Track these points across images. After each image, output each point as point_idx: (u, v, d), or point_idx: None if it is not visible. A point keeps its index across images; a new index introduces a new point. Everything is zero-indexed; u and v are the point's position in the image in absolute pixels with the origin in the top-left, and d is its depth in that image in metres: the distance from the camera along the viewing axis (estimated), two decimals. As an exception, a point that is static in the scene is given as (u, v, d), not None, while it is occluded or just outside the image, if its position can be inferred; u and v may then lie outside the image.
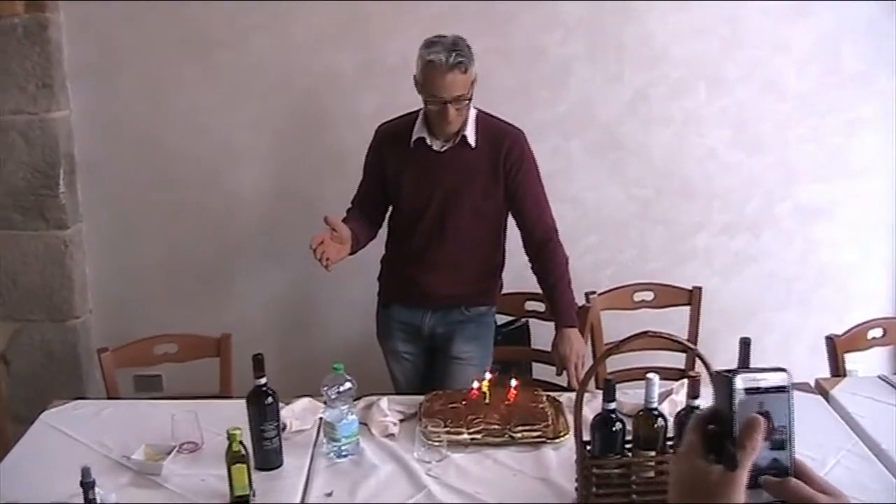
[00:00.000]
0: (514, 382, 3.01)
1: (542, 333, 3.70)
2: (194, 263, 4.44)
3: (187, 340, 3.53)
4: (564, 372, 3.26)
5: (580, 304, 3.57)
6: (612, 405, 2.43)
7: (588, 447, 2.46)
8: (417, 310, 3.49)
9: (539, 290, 3.44)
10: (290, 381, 3.06)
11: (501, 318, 3.88)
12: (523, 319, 3.99)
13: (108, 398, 3.40)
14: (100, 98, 4.25)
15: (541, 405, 2.96)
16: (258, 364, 2.71)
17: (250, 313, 4.42)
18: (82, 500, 2.23)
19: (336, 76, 4.18)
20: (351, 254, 3.22)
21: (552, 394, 3.14)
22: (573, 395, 2.49)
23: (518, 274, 3.55)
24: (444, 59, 3.05)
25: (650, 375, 2.44)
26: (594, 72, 4.19)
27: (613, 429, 2.43)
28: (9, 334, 4.40)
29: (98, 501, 2.20)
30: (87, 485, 2.22)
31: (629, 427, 2.49)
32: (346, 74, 4.17)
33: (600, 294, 3.80)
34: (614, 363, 3.62)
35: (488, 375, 3.04)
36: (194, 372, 3.51)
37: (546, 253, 3.35)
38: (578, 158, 4.28)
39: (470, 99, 3.16)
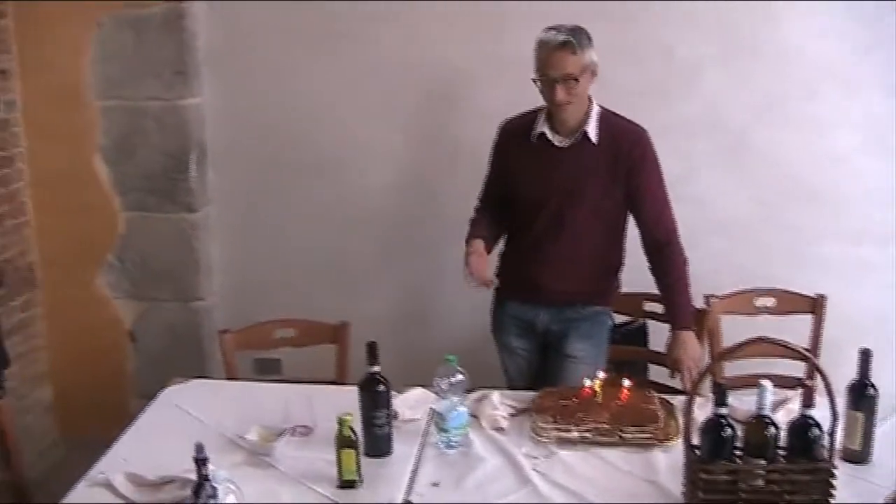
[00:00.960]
0: (626, 382, 2.99)
1: (660, 335, 3.66)
2: (317, 251, 4.52)
3: (306, 326, 3.60)
4: (679, 375, 3.22)
5: (699, 307, 3.53)
6: (723, 410, 2.39)
7: (697, 451, 2.42)
8: (532, 306, 3.48)
9: (658, 292, 3.41)
10: (406, 371, 3.08)
11: (619, 318, 3.85)
12: (641, 320, 3.94)
13: (228, 379, 3.49)
14: (231, 86, 4.37)
15: (652, 406, 2.92)
16: (372, 351, 2.75)
17: (369, 303, 4.47)
18: (195, 476, 2.29)
19: (463, 71, 4.20)
20: None
21: (666, 396, 3.09)
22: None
23: (638, 274, 3.51)
24: (554, 38, 3.12)
25: (763, 382, 2.38)
26: (725, 73, 4.11)
27: (723, 434, 2.39)
28: (137, 313, 4.57)
29: (210, 477, 2.25)
30: (200, 461, 2.28)
31: (740, 433, 2.44)
32: (473, 69, 4.19)
33: (720, 298, 3.73)
34: (730, 369, 3.58)
35: (601, 374, 3.02)
36: (313, 357, 3.58)
37: (664, 254, 3.32)
38: (703, 160, 4.22)
39: (577, 79, 3.15)
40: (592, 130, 3.25)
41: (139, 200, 4.44)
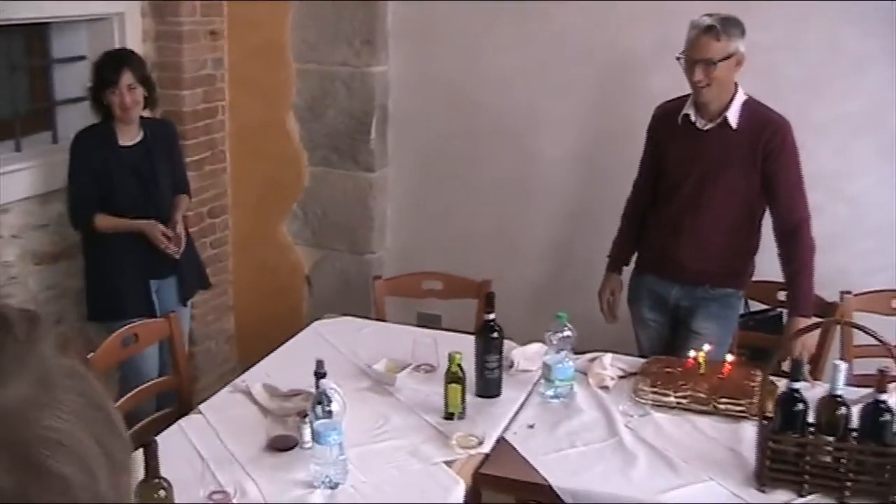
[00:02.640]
0: (729, 358, 3.13)
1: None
2: (484, 215, 4.77)
3: (451, 280, 3.90)
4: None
5: (831, 301, 3.60)
6: (797, 385, 2.53)
7: (768, 422, 2.57)
8: (666, 281, 3.65)
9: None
10: (538, 328, 3.29)
11: (756, 306, 3.96)
12: (779, 309, 4.03)
13: (376, 320, 3.84)
14: (416, 56, 4.71)
15: (752, 384, 3.06)
16: (489, 301, 3.04)
17: (527, 267, 4.68)
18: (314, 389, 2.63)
19: (635, 53, 4.36)
20: None
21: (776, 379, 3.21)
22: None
23: (775, 262, 3.61)
24: (702, 22, 3.32)
25: (836, 362, 2.51)
26: (891, 70, 4.10)
27: (794, 408, 2.53)
28: (314, 260, 5.01)
29: (325, 392, 2.58)
30: (319, 375, 2.63)
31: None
32: (644, 53, 4.35)
33: (855, 295, 3.77)
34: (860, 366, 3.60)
35: (706, 347, 3.17)
36: (467, 313, 3.84)
37: (793, 241, 3.44)
38: (863, 159, 4.22)
39: (715, 64, 3.30)
40: (733, 116, 3.39)
41: (324, 157, 4.86)
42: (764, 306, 4.02)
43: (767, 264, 3.64)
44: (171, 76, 4.48)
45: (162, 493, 2.16)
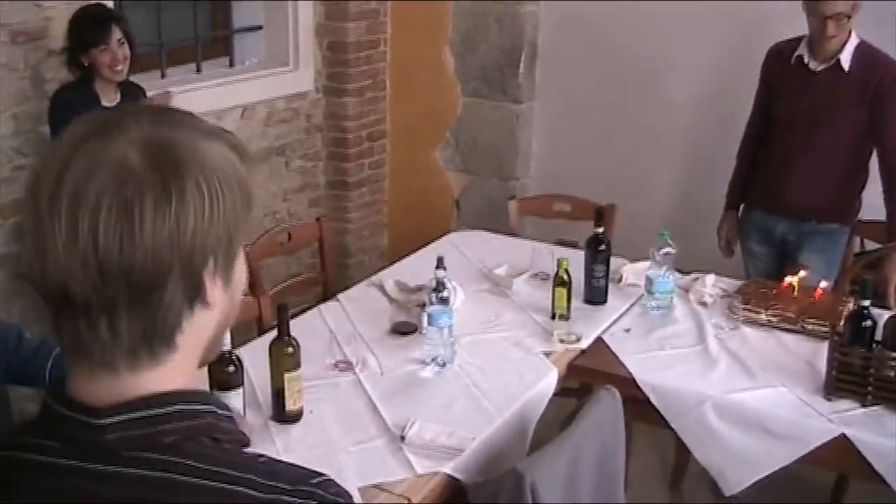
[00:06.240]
0: (823, 284, 3.34)
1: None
2: (619, 148, 5.01)
3: (579, 203, 4.19)
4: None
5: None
6: (866, 302, 2.75)
7: (838, 337, 2.80)
8: (773, 216, 3.87)
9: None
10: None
11: (871, 245, 4.10)
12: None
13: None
14: (565, -3, 4.99)
15: (841, 308, 3.26)
16: (599, 216, 3.35)
17: (654, 197, 4.93)
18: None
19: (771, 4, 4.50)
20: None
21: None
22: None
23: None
24: None
25: (904, 283, 2.72)
26: None
27: (863, 325, 2.75)
28: (463, 184, 5.39)
29: (441, 281, 2.96)
30: (439, 267, 3.00)
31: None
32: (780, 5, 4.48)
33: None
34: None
35: (802, 273, 3.39)
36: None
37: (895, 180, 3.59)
38: None
39: (849, 17, 3.47)
40: (846, 59, 3.56)
41: (476, 89, 5.23)
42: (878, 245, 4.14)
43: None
44: (337, 9, 4.91)
45: (290, 349, 2.57)
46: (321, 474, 1.01)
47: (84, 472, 0.94)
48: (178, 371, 0.98)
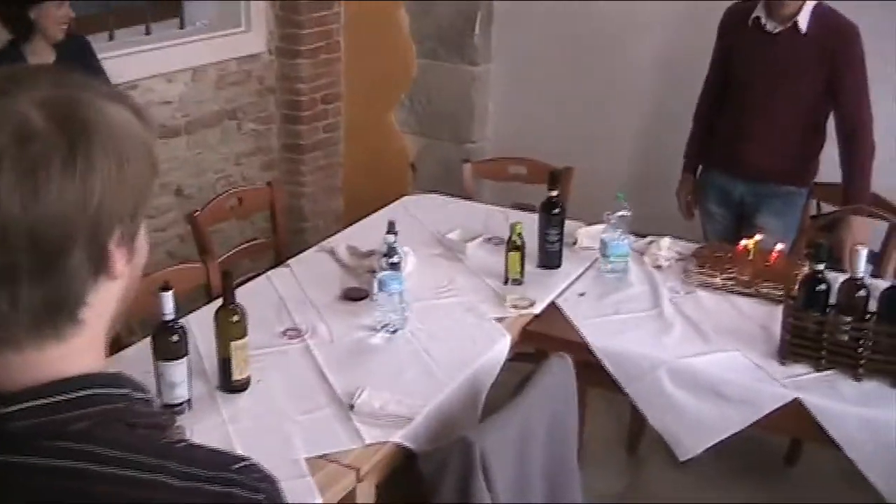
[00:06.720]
0: (779, 247, 3.32)
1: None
2: (577, 111, 4.94)
3: (536, 166, 4.12)
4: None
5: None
6: (821, 266, 2.73)
7: (792, 301, 2.78)
8: (732, 177, 3.84)
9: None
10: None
11: (828, 208, 4.08)
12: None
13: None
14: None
15: (796, 272, 3.24)
16: (553, 179, 3.31)
17: (615, 160, 4.86)
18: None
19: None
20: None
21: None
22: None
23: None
24: None
25: (858, 247, 2.70)
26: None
27: (816, 289, 2.73)
28: (419, 147, 5.32)
29: (391, 246, 2.90)
30: (389, 232, 2.93)
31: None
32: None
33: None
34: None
35: (758, 237, 3.36)
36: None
37: (852, 142, 3.57)
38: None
39: None
40: (803, 21, 3.51)
41: (431, 50, 5.14)
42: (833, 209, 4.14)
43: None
44: (289, -33, 4.80)
45: (235, 317, 2.51)
46: (243, 458, 0.96)
47: None
48: (85, 349, 0.93)
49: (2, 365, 0.90)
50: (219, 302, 2.59)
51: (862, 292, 2.71)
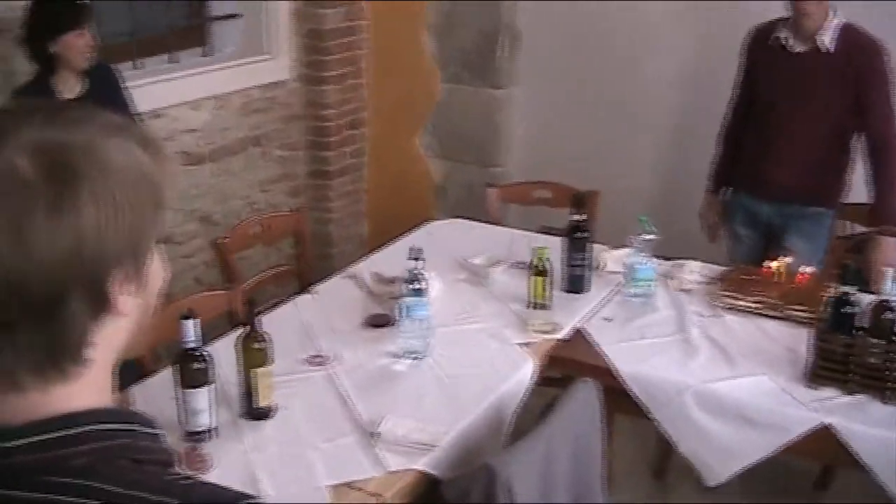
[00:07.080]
0: (807, 269, 3.28)
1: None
2: (604, 133, 4.93)
3: (560, 190, 4.12)
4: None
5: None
6: (847, 288, 2.70)
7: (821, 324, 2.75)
8: (759, 198, 3.82)
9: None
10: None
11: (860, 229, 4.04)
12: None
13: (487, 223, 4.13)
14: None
15: (824, 294, 3.21)
16: (578, 202, 3.29)
17: (636, 181, 4.84)
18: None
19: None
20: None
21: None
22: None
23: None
24: None
25: (885, 268, 2.67)
26: None
27: (844, 311, 2.70)
28: (444, 171, 5.33)
29: (416, 272, 2.89)
30: (414, 258, 2.92)
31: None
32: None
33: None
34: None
35: (786, 259, 3.33)
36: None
37: (880, 159, 3.55)
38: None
39: None
40: (826, 39, 3.49)
41: (456, 74, 5.15)
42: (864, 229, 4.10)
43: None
44: (315, -6, 4.84)
45: (258, 344, 2.50)
46: (247, 496, 0.95)
47: None
48: (90, 386, 0.92)
49: (4, 405, 0.89)
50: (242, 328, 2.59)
51: (890, 314, 2.67)
